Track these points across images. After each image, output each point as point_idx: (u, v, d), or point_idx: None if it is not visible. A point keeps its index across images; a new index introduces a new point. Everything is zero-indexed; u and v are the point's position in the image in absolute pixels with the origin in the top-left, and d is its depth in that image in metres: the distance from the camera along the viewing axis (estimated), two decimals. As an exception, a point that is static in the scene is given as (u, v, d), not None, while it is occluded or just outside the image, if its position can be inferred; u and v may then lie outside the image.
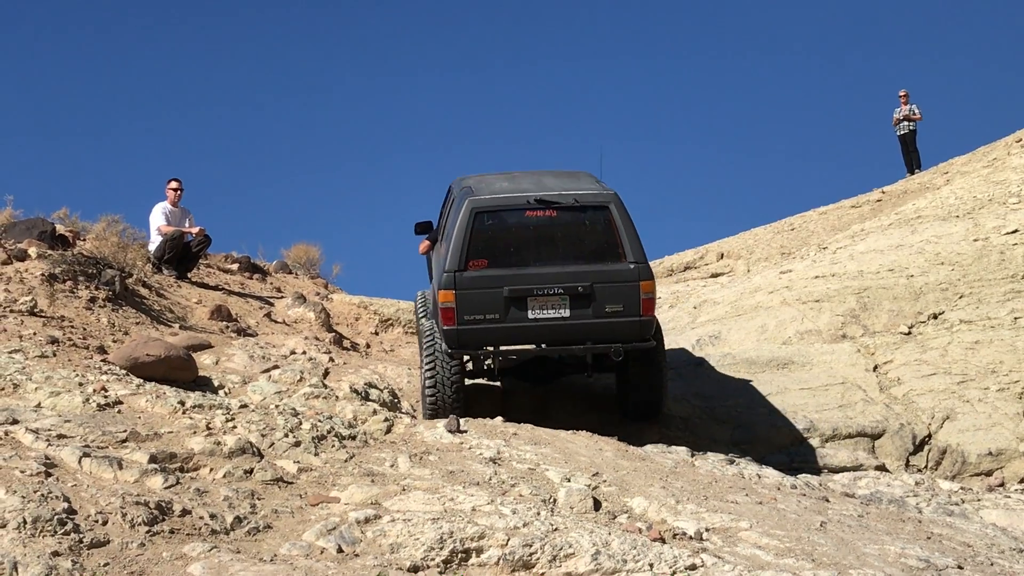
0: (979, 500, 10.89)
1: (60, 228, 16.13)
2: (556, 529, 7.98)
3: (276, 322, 16.27)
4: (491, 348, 11.75)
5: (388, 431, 10.98)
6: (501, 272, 11.49)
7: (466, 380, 12.56)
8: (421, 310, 13.14)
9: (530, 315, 11.48)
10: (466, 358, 12.34)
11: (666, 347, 12.97)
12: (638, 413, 12.72)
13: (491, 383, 13.83)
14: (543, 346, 11.91)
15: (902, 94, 28.93)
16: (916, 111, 28.69)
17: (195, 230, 16.81)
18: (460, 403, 12.12)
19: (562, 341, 11.71)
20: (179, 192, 17.13)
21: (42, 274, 13.54)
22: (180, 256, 16.77)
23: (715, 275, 23.76)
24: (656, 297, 11.84)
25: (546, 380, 13.41)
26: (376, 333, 17.83)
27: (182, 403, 10.22)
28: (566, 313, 11.47)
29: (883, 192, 26.25)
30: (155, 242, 16.77)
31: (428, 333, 12.33)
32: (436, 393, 12.08)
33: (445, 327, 11.54)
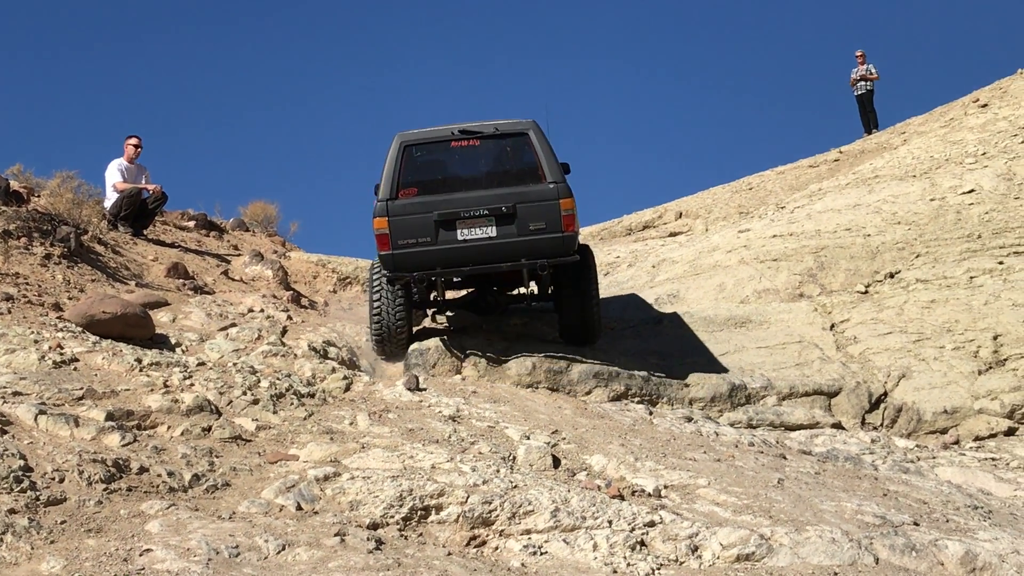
0: (934, 458, 10.98)
1: (14, 184, 15.94)
2: (515, 487, 8.00)
3: (233, 280, 16.18)
4: (426, 271, 12.10)
5: (347, 389, 10.99)
6: (430, 199, 12.09)
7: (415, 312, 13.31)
8: (375, 268, 13.08)
9: (459, 236, 12.03)
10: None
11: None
12: (572, 336, 13.20)
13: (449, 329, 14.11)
14: (474, 266, 12.26)
15: (859, 54, 29.03)
16: (873, 71, 28.81)
17: (152, 187, 16.68)
18: (404, 331, 12.74)
19: (490, 259, 12.16)
20: (138, 149, 16.99)
21: (-4, 230, 13.40)
22: (136, 213, 16.64)
23: (673, 234, 23.79)
24: (576, 213, 12.14)
25: (491, 311, 13.88)
26: (334, 291, 17.77)
27: (139, 360, 10.18)
28: (493, 233, 12.05)
29: (840, 152, 26.33)
30: (110, 199, 16.62)
31: (375, 269, 12.85)
32: (381, 320, 12.67)
33: (381, 252, 12.09)
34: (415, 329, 13.53)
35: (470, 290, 14.13)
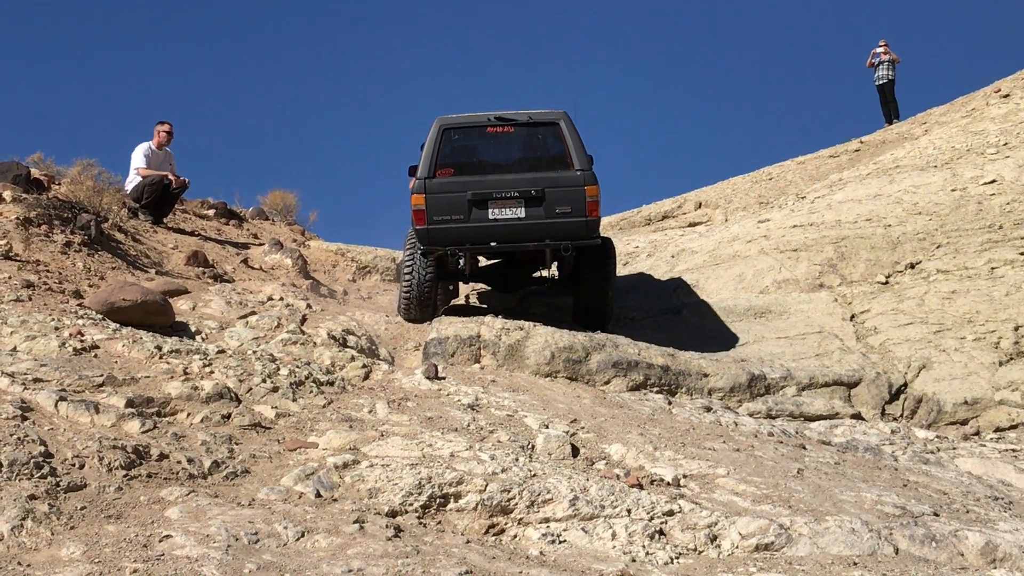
0: (954, 449, 10.93)
1: (35, 172, 15.98)
2: (534, 475, 7.99)
3: (253, 268, 16.21)
4: (458, 247, 13.11)
5: (366, 377, 11.00)
6: (465, 179, 13.05)
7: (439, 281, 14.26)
8: (410, 240, 13.95)
9: (490, 216, 12.99)
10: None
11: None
12: (586, 319, 13.92)
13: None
14: (502, 244, 13.26)
15: (882, 43, 28.89)
16: (894, 55, 28.69)
17: (175, 179, 16.72)
18: (430, 300, 13.86)
19: (518, 239, 13.12)
20: (170, 136, 17.02)
21: (17, 218, 13.43)
22: (157, 201, 16.68)
23: (693, 224, 23.76)
24: (600, 200, 13.01)
25: (513, 289, 15.23)
26: (353, 280, 17.80)
27: (159, 348, 10.20)
28: (521, 214, 12.96)
29: (861, 142, 26.25)
30: (132, 182, 16.66)
31: (410, 241, 13.82)
32: (411, 288, 13.74)
33: (417, 227, 13.09)
34: (446, 305, 14.98)
35: (494, 262, 15.17)
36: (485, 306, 15.46)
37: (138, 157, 16.77)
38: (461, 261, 13.38)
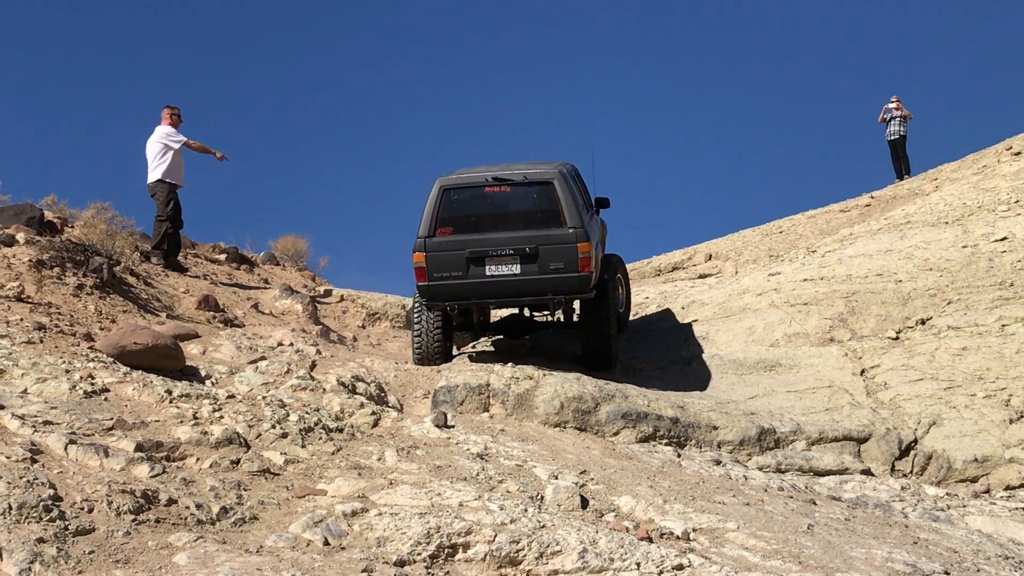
0: (964, 506, 10.90)
1: (48, 214, 16.05)
2: (543, 526, 7.96)
3: (263, 313, 16.23)
4: (458, 301, 13.81)
5: (375, 424, 10.98)
6: (463, 237, 13.58)
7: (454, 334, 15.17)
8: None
9: (487, 272, 13.55)
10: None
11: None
12: (591, 361, 14.40)
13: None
14: (499, 299, 13.93)
15: (894, 99, 28.96)
16: (906, 111, 28.75)
17: (220, 155, 17.25)
18: (440, 351, 14.35)
19: (514, 294, 13.77)
20: (179, 119, 17.12)
21: (30, 260, 13.48)
22: (171, 233, 16.82)
23: (703, 276, 23.75)
24: (592, 256, 13.52)
25: (522, 334, 15.94)
26: (363, 326, 17.81)
27: (169, 392, 10.19)
28: (517, 270, 13.50)
29: (872, 197, 26.28)
30: (165, 162, 16.70)
31: (415, 300, 14.33)
32: (421, 340, 14.32)
33: (418, 283, 13.67)
34: (462, 349, 15.73)
35: (509, 312, 15.98)
36: (494, 349, 15.80)
37: (174, 135, 16.81)
38: (468, 314, 14.17)
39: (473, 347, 16.14)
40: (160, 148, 16.73)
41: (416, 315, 14.43)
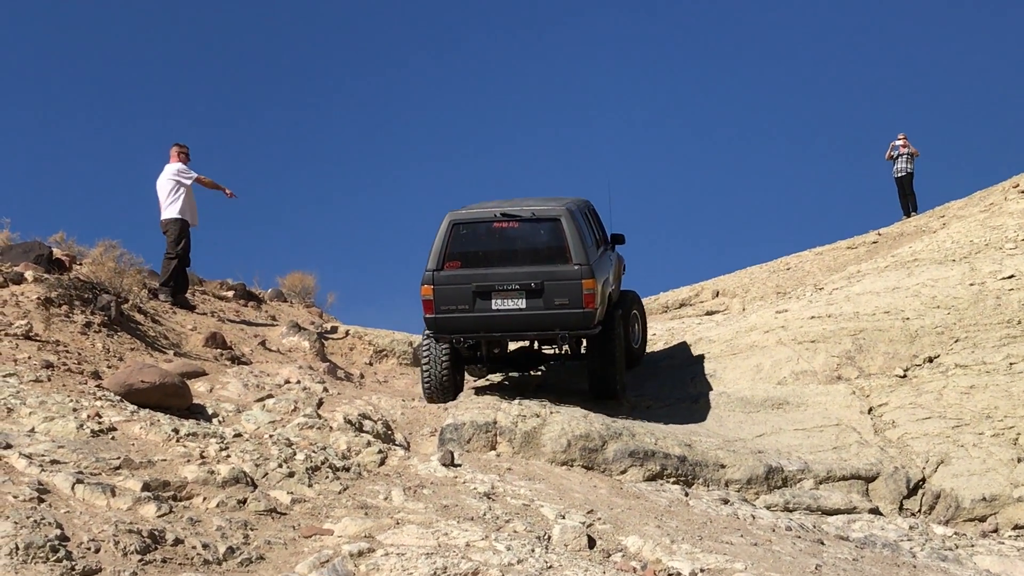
0: (973, 546, 10.86)
1: (57, 252, 16.10)
2: (551, 567, 7.95)
3: (270, 350, 16.24)
4: (464, 335, 13.94)
5: (382, 463, 10.97)
6: (470, 271, 13.72)
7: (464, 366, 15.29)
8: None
9: (493, 306, 13.66)
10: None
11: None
12: (597, 391, 14.62)
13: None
14: (505, 333, 14.16)
15: (901, 137, 29.01)
16: (913, 148, 28.80)
17: (228, 192, 17.37)
18: (450, 384, 14.63)
19: (519, 328, 13.94)
20: (188, 157, 17.19)
21: (38, 298, 13.52)
22: (179, 270, 16.86)
23: (710, 313, 23.73)
24: (596, 293, 13.66)
25: (531, 366, 16.31)
26: (370, 363, 17.81)
27: (176, 431, 10.20)
28: (523, 305, 13.62)
29: (879, 234, 26.27)
30: (178, 200, 16.76)
31: (424, 333, 14.48)
32: (429, 374, 14.54)
33: (426, 315, 13.79)
34: (477, 383, 15.96)
35: (518, 345, 16.27)
36: (504, 383, 16.17)
37: (185, 171, 16.89)
38: (477, 347, 14.41)
39: (488, 380, 16.33)
40: (173, 185, 16.79)
41: (424, 349, 14.61)
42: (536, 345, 15.75)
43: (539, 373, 16.70)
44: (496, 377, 16.38)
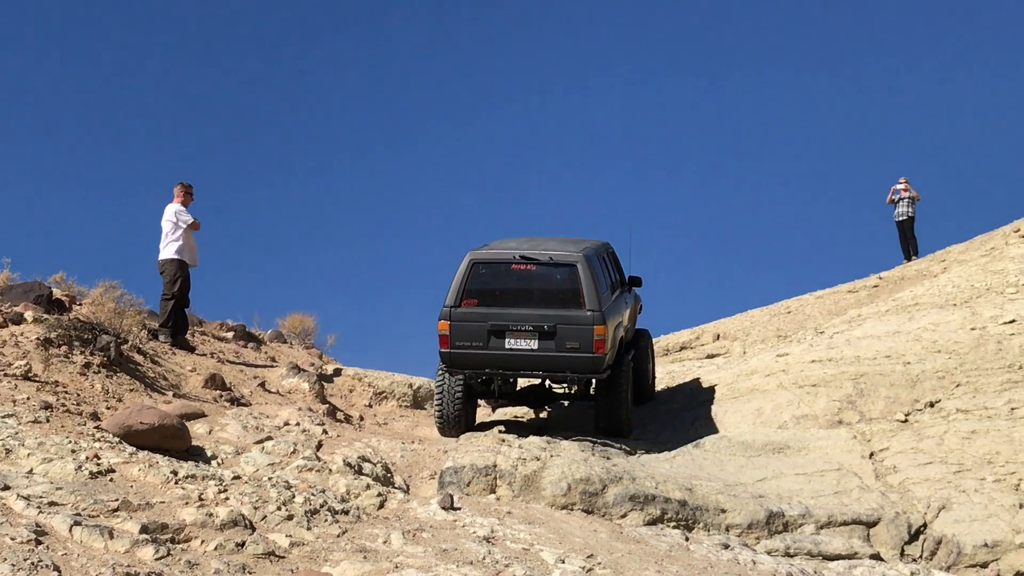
0: (975, 592, 10.81)
1: (57, 292, 16.11)
2: (550, 612, 7.91)
3: (270, 392, 16.22)
4: (477, 370, 14.43)
5: (381, 506, 10.94)
6: (486, 310, 14.19)
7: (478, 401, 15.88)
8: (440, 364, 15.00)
9: (506, 345, 14.13)
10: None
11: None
12: (605, 430, 14.97)
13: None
14: (516, 372, 14.58)
15: (902, 181, 29.08)
16: (914, 192, 28.87)
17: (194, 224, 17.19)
18: (462, 417, 15.03)
19: (530, 368, 14.36)
20: (191, 196, 17.20)
21: (37, 338, 13.51)
22: (178, 310, 16.86)
23: (711, 356, 23.71)
24: (607, 338, 14.07)
25: (539, 404, 16.71)
26: (370, 405, 17.78)
27: (175, 473, 10.17)
28: (535, 345, 14.09)
29: (880, 278, 26.27)
30: (177, 239, 16.78)
31: (439, 367, 14.89)
32: (442, 406, 14.95)
33: (441, 350, 14.30)
34: (493, 415, 16.85)
35: (529, 383, 16.54)
36: (518, 416, 17.17)
37: (183, 213, 16.91)
38: (490, 383, 14.94)
39: (504, 412, 17.24)
40: (171, 226, 16.84)
41: (438, 383, 15.00)
42: (547, 384, 16.09)
43: (550, 410, 17.34)
44: (510, 411, 17.16)
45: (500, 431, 14.67)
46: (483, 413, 16.74)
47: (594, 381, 15.08)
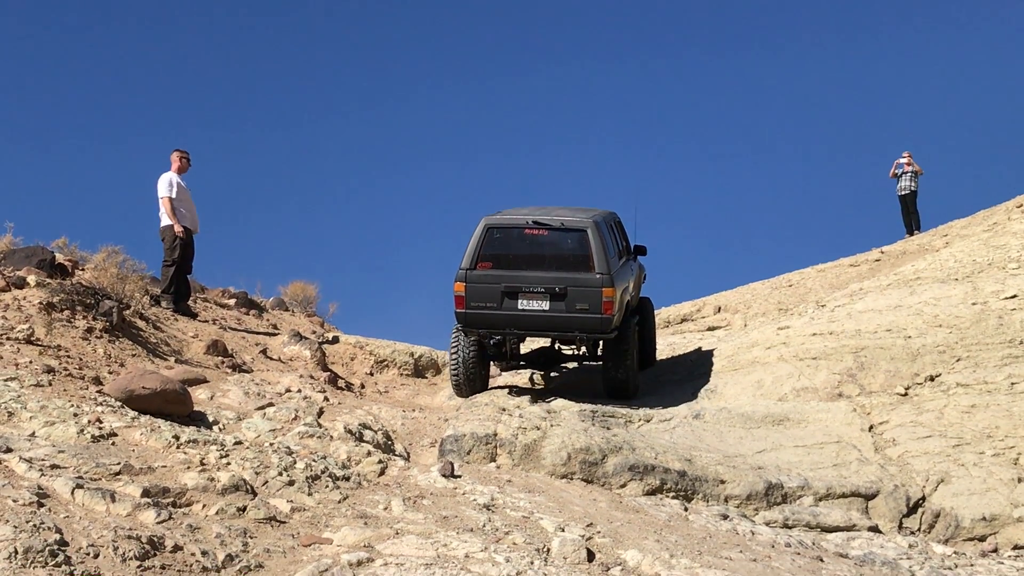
0: (972, 565, 10.82)
1: (59, 257, 16.10)
2: (549, 579, 7.94)
3: (271, 359, 16.23)
4: (490, 330, 14.99)
5: (382, 473, 10.97)
6: (500, 272, 14.78)
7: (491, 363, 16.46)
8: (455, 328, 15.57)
9: (519, 306, 14.69)
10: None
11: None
12: (612, 391, 15.71)
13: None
14: (528, 331, 15.22)
15: (906, 155, 29.03)
16: (917, 167, 28.82)
17: (178, 228, 16.86)
18: (476, 378, 15.71)
19: (542, 328, 15.04)
20: (189, 163, 17.10)
21: (40, 303, 13.51)
22: (180, 277, 16.84)
23: (712, 328, 23.72)
24: (615, 300, 14.68)
25: (549, 365, 17.43)
26: (371, 374, 17.79)
27: (176, 437, 10.20)
28: (546, 307, 14.66)
29: (882, 252, 26.27)
30: (162, 219, 16.74)
31: (456, 326, 15.36)
32: (457, 368, 15.58)
33: (457, 310, 14.84)
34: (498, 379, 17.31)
35: (538, 345, 17.43)
36: (526, 378, 17.74)
37: (163, 186, 16.81)
38: (493, 342, 15.49)
39: (515, 373, 17.94)
40: (159, 195, 16.83)
41: (453, 345, 15.60)
42: (556, 346, 16.72)
43: (556, 375, 17.95)
44: (513, 379, 17.46)
45: (513, 389, 15.61)
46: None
47: (601, 342, 15.68)
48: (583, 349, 16.17)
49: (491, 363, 16.62)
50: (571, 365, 17.95)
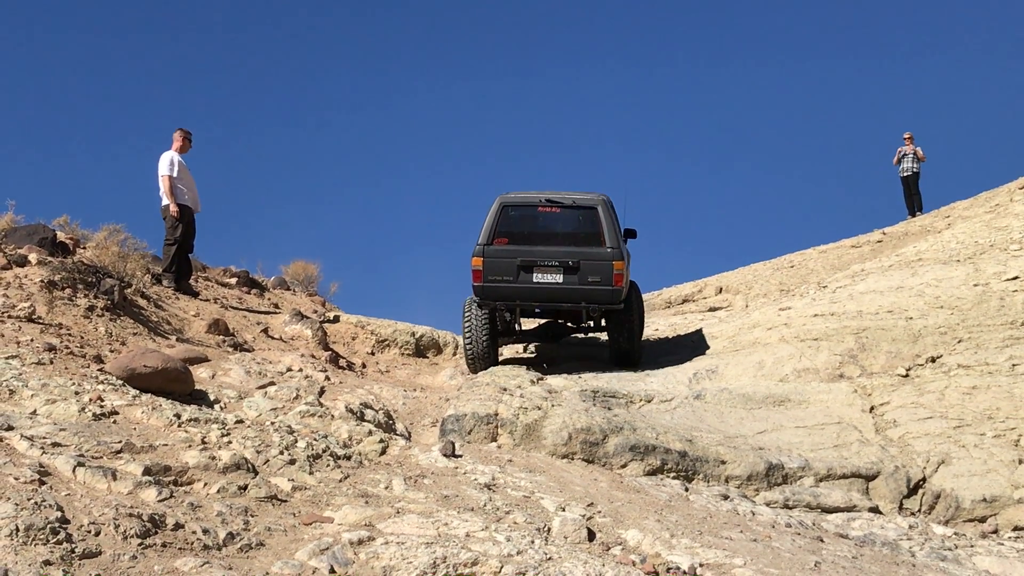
0: (972, 546, 10.83)
1: (61, 235, 16.09)
2: (550, 558, 7.93)
3: (273, 338, 16.24)
4: (506, 302, 15.75)
5: (383, 452, 10.96)
6: (515, 248, 15.68)
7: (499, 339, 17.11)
8: (468, 304, 16.57)
9: (534, 279, 15.61)
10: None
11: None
12: (618, 360, 16.71)
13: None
14: (543, 303, 15.97)
15: (907, 136, 29.01)
16: (920, 152, 28.78)
17: (174, 208, 16.87)
18: (489, 353, 16.43)
19: (556, 300, 15.82)
20: (190, 143, 17.09)
21: (41, 281, 13.51)
22: (182, 256, 16.83)
23: (713, 309, 23.72)
24: (624, 273, 15.68)
25: (557, 339, 18.10)
26: (372, 353, 17.81)
27: (178, 416, 10.19)
28: (560, 279, 15.59)
29: (884, 233, 26.26)
30: (162, 198, 16.73)
31: (468, 304, 16.41)
32: (472, 340, 16.32)
33: (474, 283, 15.70)
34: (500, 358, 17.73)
35: (543, 321, 18.15)
36: (534, 354, 18.65)
37: (164, 165, 16.80)
38: (509, 316, 16.44)
39: (525, 348, 19.01)
40: (159, 173, 16.80)
41: (466, 321, 16.40)
42: (560, 321, 17.50)
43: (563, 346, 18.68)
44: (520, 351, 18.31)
45: (523, 356, 16.61)
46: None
47: (605, 317, 16.53)
48: (589, 323, 16.80)
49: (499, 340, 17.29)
50: (579, 337, 19.02)
